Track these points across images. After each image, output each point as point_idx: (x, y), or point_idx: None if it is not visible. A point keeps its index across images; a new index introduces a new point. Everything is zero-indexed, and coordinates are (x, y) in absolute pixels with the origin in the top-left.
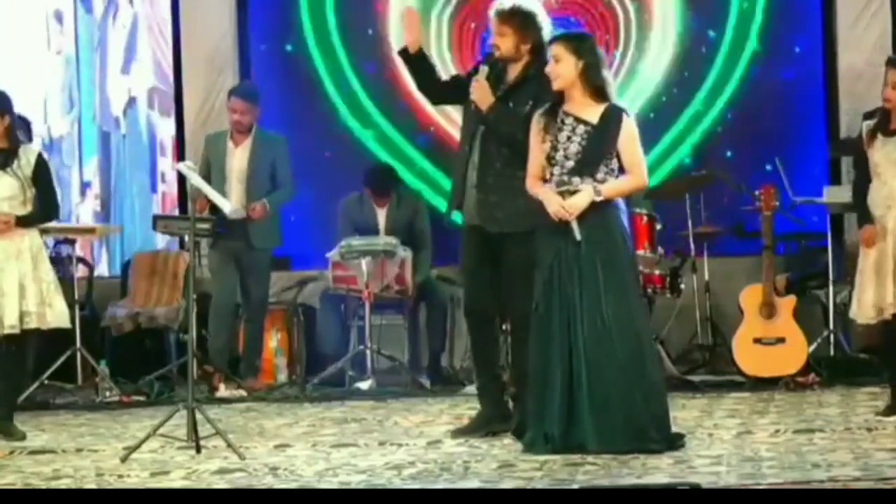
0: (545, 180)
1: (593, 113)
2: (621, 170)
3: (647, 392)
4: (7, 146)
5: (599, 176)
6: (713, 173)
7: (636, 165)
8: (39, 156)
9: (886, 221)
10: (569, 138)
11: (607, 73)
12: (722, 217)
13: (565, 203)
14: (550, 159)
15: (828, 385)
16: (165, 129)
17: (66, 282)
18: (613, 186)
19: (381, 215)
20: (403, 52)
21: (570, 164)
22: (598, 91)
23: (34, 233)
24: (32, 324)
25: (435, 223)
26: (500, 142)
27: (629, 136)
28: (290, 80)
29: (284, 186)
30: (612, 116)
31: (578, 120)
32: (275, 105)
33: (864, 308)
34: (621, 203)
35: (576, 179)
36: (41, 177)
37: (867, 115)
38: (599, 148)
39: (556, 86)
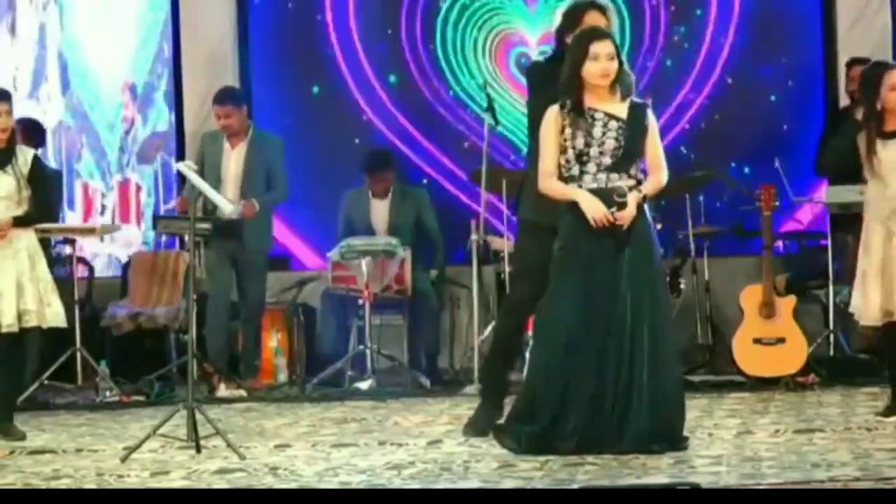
0: (565, 177)
1: (619, 108)
2: None
3: (664, 391)
4: (5, 146)
5: (633, 172)
6: (713, 173)
7: (660, 162)
8: (35, 156)
9: (892, 224)
10: (604, 134)
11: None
12: (722, 217)
13: (619, 216)
14: (582, 156)
15: (828, 385)
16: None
17: (66, 282)
18: (651, 187)
19: (379, 209)
20: None
21: (607, 160)
22: (627, 88)
23: (31, 233)
24: (32, 322)
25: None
26: None
27: (654, 132)
28: (291, 79)
29: (278, 188)
30: (640, 112)
31: (610, 116)
32: (275, 105)
33: (871, 310)
34: None
35: (614, 176)
36: (38, 177)
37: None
38: (635, 144)
39: (604, 83)
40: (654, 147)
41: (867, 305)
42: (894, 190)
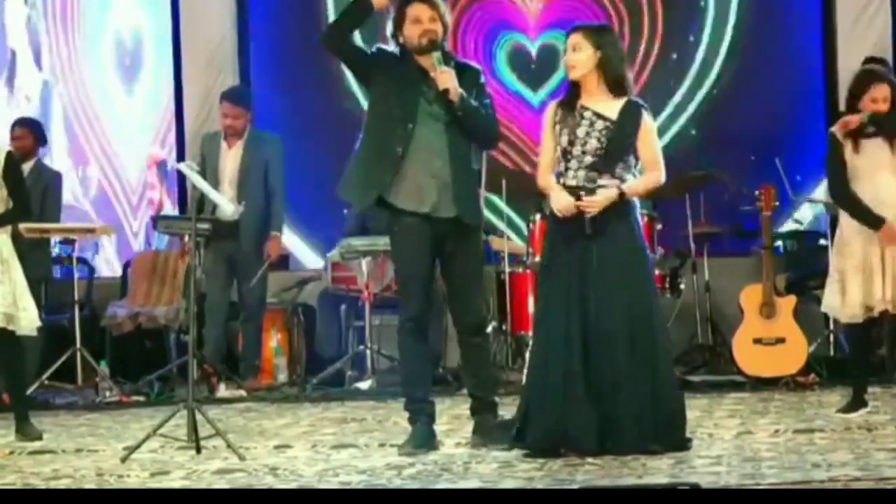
0: (558, 174)
1: (612, 108)
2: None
3: (657, 392)
4: None
5: (617, 172)
6: (713, 173)
7: (655, 162)
8: (9, 154)
9: None
10: (587, 133)
11: (627, 68)
12: (722, 217)
13: (587, 200)
14: (566, 154)
15: (828, 385)
16: None
17: (66, 282)
18: (635, 186)
19: None
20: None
21: (588, 159)
22: (616, 85)
23: (4, 235)
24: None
25: None
26: (473, 131)
27: (648, 131)
28: (290, 80)
29: (277, 192)
30: (632, 112)
31: (597, 115)
32: (275, 105)
33: (852, 307)
34: (635, 199)
35: (593, 174)
36: (11, 175)
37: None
38: (620, 144)
39: (571, 76)
40: (649, 146)
41: (848, 303)
42: (874, 189)
